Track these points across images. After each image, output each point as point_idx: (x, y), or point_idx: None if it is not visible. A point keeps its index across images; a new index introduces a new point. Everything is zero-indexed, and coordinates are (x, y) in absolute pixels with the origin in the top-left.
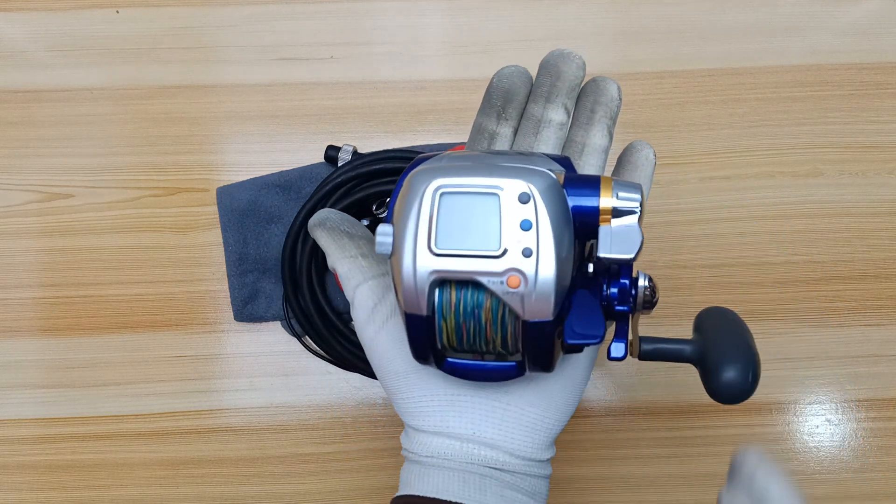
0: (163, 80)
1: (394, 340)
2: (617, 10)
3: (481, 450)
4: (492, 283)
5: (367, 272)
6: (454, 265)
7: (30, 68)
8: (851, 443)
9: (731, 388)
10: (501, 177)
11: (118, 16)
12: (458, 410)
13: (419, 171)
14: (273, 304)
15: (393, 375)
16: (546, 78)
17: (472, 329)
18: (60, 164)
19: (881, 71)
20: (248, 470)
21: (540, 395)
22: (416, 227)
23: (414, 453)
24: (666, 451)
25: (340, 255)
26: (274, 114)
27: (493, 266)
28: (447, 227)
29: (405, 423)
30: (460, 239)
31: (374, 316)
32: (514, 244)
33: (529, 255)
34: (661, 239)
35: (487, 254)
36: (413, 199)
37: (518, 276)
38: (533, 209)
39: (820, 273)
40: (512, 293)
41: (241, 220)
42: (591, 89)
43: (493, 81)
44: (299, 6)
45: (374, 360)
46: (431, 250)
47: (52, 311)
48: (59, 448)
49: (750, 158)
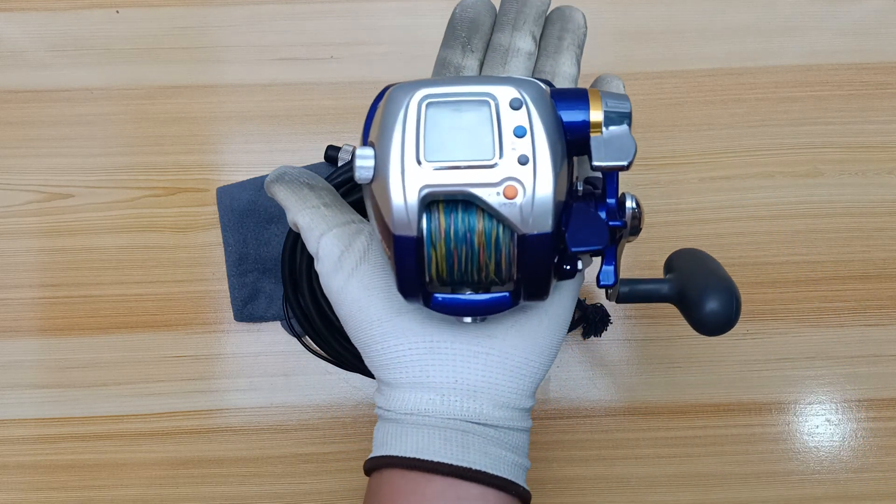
0: (163, 80)
1: (365, 287)
2: (617, 10)
3: (463, 401)
4: (487, 195)
5: (332, 220)
6: (446, 178)
7: (30, 68)
8: (851, 443)
9: (718, 316)
10: (491, 84)
11: (118, 16)
12: (438, 358)
13: (399, 86)
14: (273, 304)
15: (366, 325)
16: (512, 4)
17: (464, 255)
18: (60, 164)
19: (881, 71)
20: (248, 470)
21: (524, 336)
22: (402, 140)
23: (390, 411)
24: (666, 451)
25: (301, 206)
26: (274, 114)
27: (488, 176)
28: (436, 139)
29: (379, 378)
30: (451, 150)
31: (341, 264)
32: (509, 152)
33: (526, 163)
34: (662, 239)
35: (481, 163)
36: (395, 111)
37: (515, 186)
38: (526, 115)
39: (820, 273)
40: (509, 204)
41: (241, 220)
42: (556, 17)
43: (456, 12)
44: (299, 6)
45: (343, 312)
46: (420, 163)
47: (52, 311)
48: (59, 448)
49: (750, 158)
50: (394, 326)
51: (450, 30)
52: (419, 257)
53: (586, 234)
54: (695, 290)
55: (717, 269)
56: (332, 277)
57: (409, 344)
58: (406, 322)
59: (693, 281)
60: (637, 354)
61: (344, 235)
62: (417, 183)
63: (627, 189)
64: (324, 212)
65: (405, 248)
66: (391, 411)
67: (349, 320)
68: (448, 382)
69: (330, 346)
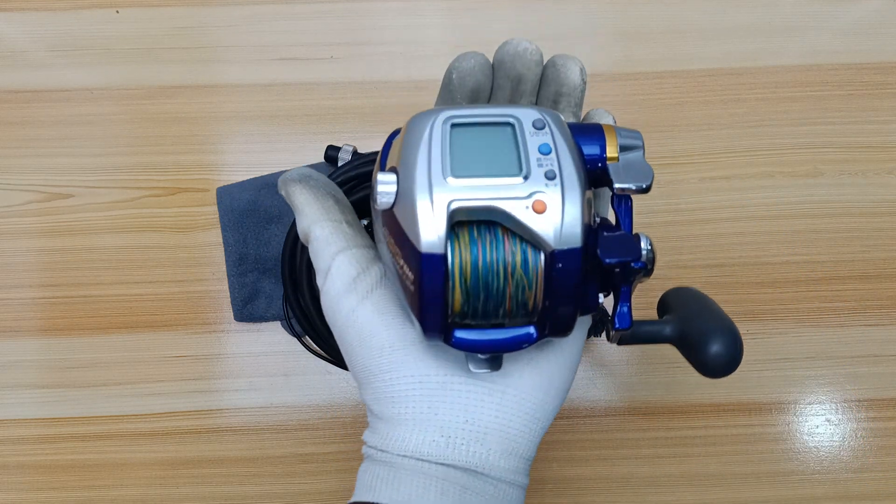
0: (163, 80)
1: (379, 312)
2: (617, 10)
3: (470, 445)
4: (516, 210)
5: (352, 240)
6: (474, 194)
7: (30, 68)
8: (851, 443)
9: (721, 358)
10: (513, 108)
11: (118, 16)
12: (450, 395)
13: (420, 113)
14: (273, 304)
15: (376, 352)
16: (505, 81)
17: (491, 281)
18: (60, 164)
19: (881, 71)
20: (248, 470)
21: (541, 374)
22: (428, 158)
23: (385, 451)
24: (666, 451)
25: (323, 217)
26: (274, 114)
27: (517, 191)
28: (462, 157)
29: (378, 413)
30: (478, 167)
31: (356, 285)
32: (535, 168)
33: (553, 178)
34: (661, 239)
35: (509, 179)
36: (420, 133)
37: (544, 200)
38: (550, 135)
39: (820, 273)
40: (538, 218)
41: (241, 220)
42: (552, 77)
43: (454, 78)
44: (299, 6)
45: (349, 337)
46: (447, 180)
47: (52, 311)
48: (59, 448)
49: (750, 158)
50: (406, 356)
51: (447, 94)
52: (445, 281)
53: (618, 246)
54: (697, 333)
55: (718, 311)
56: (342, 298)
57: (420, 377)
58: (419, 353)
59: (695, 323)
60: (637, 354)
61: (362, 258)
62: (445, 198)
63: None
64: (345, 229)
65: (433, 268)
66: (386, 452)
67: (355, 346)
68: (457, 422)
69: (330, 346)
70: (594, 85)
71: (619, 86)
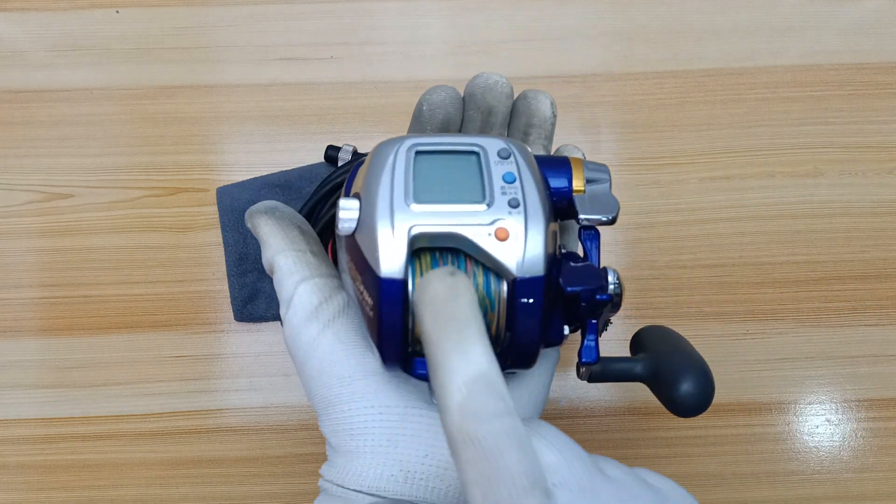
0: (163, 80)
1: (340, 341)
2: (617, 10)
3: (429, 481)
4: (478, 237)
5: (315, 269)
6: (436, 220)
7: (30, 68)
8: (851, 443)
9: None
10: (478, 137)
11: (118, 16)
12: (411, 427)
13: (385, 141)
14: (273, 304)
15: (335, 382)
16: (476, 113)
17: None
18: (60, 164)
19: (881, 71)
20: (248, 470)
21: None
22: (391, 184)
23: (340, 486)
24: (666, 451)
25: (286, 247)
26: (274, 114)
27: (479, 219)
28: (425, 184)
29: (336, 445)
30: (441, 193)
31: (318, 314)
32: (499, 196)
33: (517, 206)
34: (661, 239)
35: (471, 206)
36: (384, 160)
37: (506, 228)
38: (515, 164)
39: (820, 273)
40: (500, 246)
41: (240, 220)
42: (522, 109)
43: (424, 109)
44: (299, 6)
45: (309, 367)
46: (409, 206)
47: (52, 311)
48: (59, 448)
49: (750, 158)
50: (367, 386)
51: (417, 124)
52: (405, 307)
53: (581, 276)
54: (669, 372)
55: (690, 350)
56: (303, 327)
57: (380, 408)
58: (380, 383)
59: (667, 362)
60: None
61: (325, 287)
62: (407, 224)
63: (629, 189)
64: (309, 258)
65: (392, 293)
66: (341, 487)
67: (315, 376)
68: (417, 456)
69: None
70: (594, 85)
71: (619, 86)
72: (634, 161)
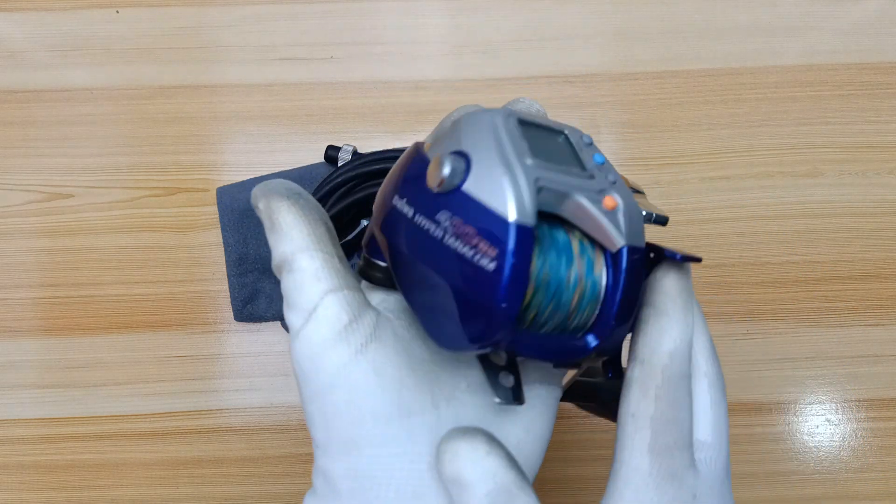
0: (163, 80)
1: (377, 373)
2: (617, 10)
3: None
4: (591, 202)
5: (344, 279)
6: (555, 177)
7: (30, 68)
8: (851, 443)
9: None
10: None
11: (118, 16)
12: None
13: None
14: (273, 304)
15: (369, 419)
16: None
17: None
18: (60, 164)
19: (881, 71)
20: (248, 470)
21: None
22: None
23: None
24: None
25: (314, 246)
26: (274, 114)
27: (590, 185)
28: (535, 146)
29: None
30: (551, 157)
31: (347, 336)
32: (596, 172)
33: (615, 182)
34: (662, 239)
35: (580, 175)
36: (485, 123)
37: (614, 198)
38: (599, 151)
39: (820, 273)
40: (609, 215)
41: (241, 220)
42: None
43: None
44: (299, 6)
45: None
46: (527, 162)
47: (52, 311)
48: (59, 448)
49: (750, 158)
50: (401, 429)
51: None
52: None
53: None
54: None
55: None
56: (330, 349)
57: (412, 455)
58: (415, 426)
59: None
60: None
61: (354, 302)
62: (531, 175)
63: None
64: (338, 264)
65: (522, 240)
66: None
67: (343, 411)
68: None
69: None
70: (594, 85)
71: (619, 86)
72: (634, 161)
